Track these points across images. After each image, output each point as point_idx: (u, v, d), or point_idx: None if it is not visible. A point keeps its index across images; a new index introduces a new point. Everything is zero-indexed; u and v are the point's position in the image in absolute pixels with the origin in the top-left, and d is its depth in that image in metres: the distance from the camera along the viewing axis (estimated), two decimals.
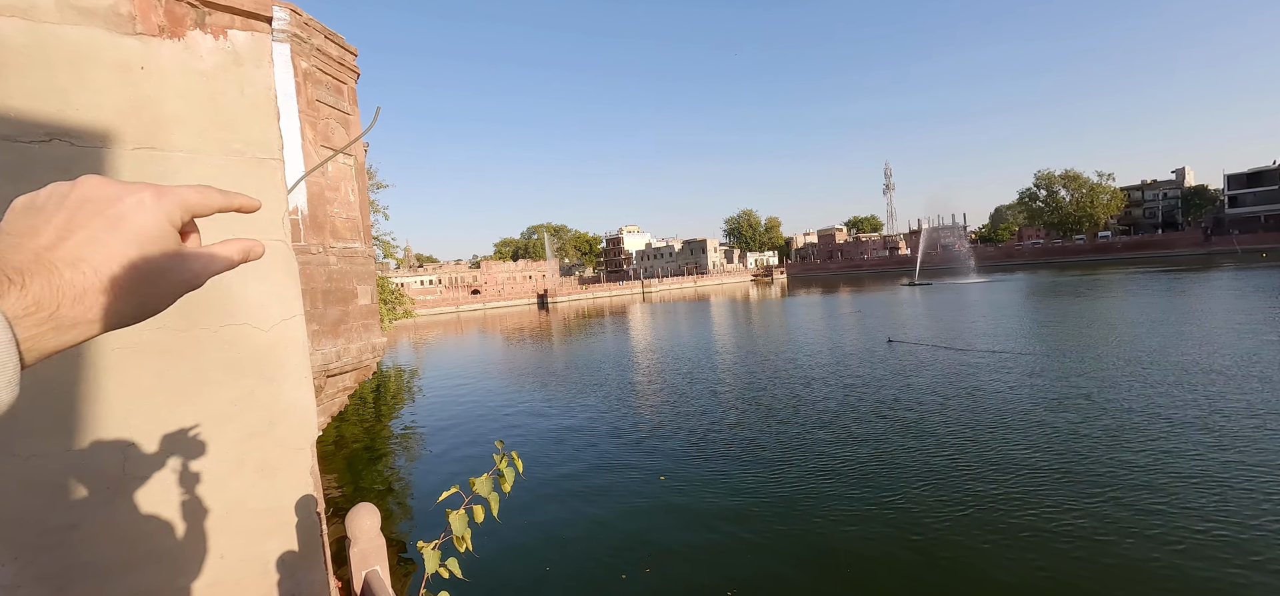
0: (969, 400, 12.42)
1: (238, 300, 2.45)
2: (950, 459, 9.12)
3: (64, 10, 2.40)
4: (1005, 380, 13.95)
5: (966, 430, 10.41)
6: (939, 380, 14.52)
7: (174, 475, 2.26)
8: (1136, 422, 10.04)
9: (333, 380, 7.13)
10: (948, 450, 9.52)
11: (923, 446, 9.76)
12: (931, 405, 12.22)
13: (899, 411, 11.94)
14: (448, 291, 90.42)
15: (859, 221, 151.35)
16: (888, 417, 11.59)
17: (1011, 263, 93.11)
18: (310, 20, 7.25)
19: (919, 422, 11.06)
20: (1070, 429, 10.01)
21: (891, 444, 10.05)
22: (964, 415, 11.33)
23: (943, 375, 15.08)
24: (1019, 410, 11.34)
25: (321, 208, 7.54)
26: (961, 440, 9.92)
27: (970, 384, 13.85)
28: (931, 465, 8.93)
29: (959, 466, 8.79)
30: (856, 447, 9.98)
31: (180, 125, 2.56)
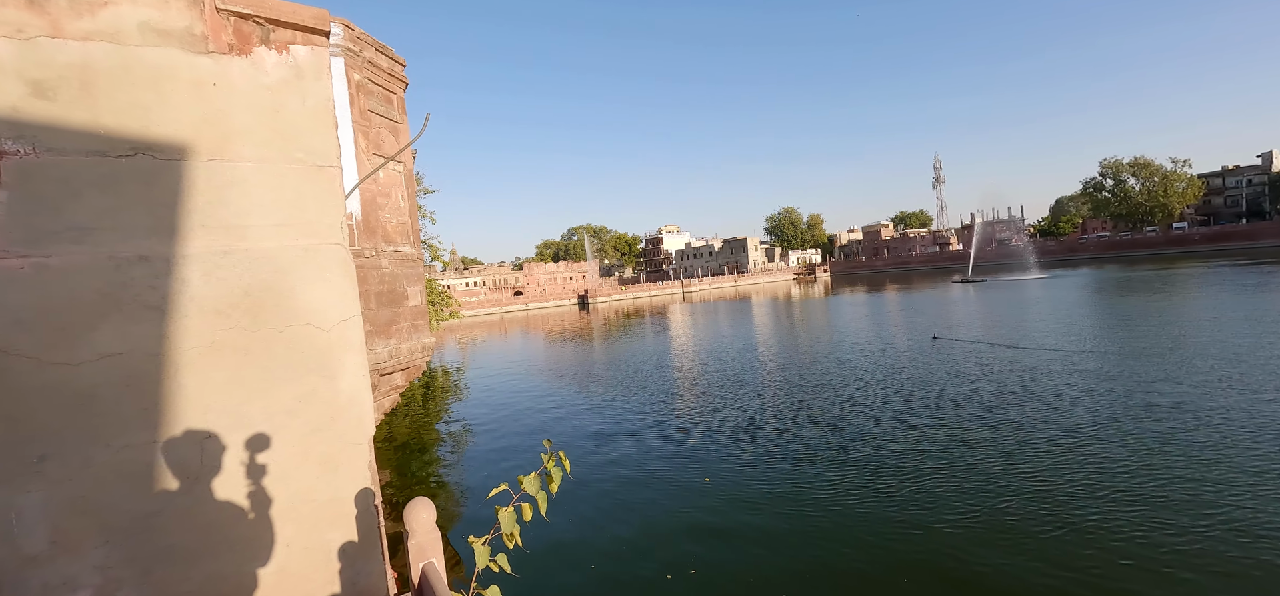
0: (1034, 406, 11.78)
1: (302, 302, 2.59)
2: (1015, 473, 8.66)
3: (145, 33, 2.58)
4: (1078, 384, 13.16)
5: (1035, 439, 9.86)
6: (998, 383, 13.84)
7: (245, 466, 2.40)
8: (1236, 434, 9.26)
9: (385, 378, 7.40)
10: (1010, 461, 9.05)
11: (987, 459, 9.28)
12: (989, 409, 11.67)
13: (957, 416, 11.44)
14: (492, 292, 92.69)
15: (906, 217, 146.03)
16: (945, 422, 11.12)
17: (1075, 257, 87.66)
18: (362, 34, 7.53)
19: (980, 430, 10.55)
20: (1158, 443, 9.33)
21: (951, 453, 9.63)
22: (1029, 422, 10.74)
23: (1002, 377, 14.37)
24: (1097, 421, 10.65)
25: (374, 213, 7.81)
26: (1029, 451, 9.42)
27: (1034, 388, 13.14)
28: (993, 478, 8.49)
29: (1025, 481, 8.34)
30: (911, 455, 9.62)
31: (247, 137, 2.71)
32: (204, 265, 2.44)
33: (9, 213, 2.20)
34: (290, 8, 2.93)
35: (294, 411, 2.49)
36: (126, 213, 2.41)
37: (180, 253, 2.41)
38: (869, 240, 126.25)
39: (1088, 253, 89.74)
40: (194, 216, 2.48)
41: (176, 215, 2.45)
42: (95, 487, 2.15)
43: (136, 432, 2.27)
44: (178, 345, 2.35)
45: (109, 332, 2.27)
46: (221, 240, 2.51)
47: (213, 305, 2.42)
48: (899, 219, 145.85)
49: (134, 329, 2.31)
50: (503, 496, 2.54)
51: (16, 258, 2.19)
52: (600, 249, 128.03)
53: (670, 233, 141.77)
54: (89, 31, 2.46)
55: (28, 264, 2.19)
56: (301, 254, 2.64)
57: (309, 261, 2.65)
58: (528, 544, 7.95)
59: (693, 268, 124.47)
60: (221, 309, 2.44)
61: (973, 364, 16.11)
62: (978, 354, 17.57)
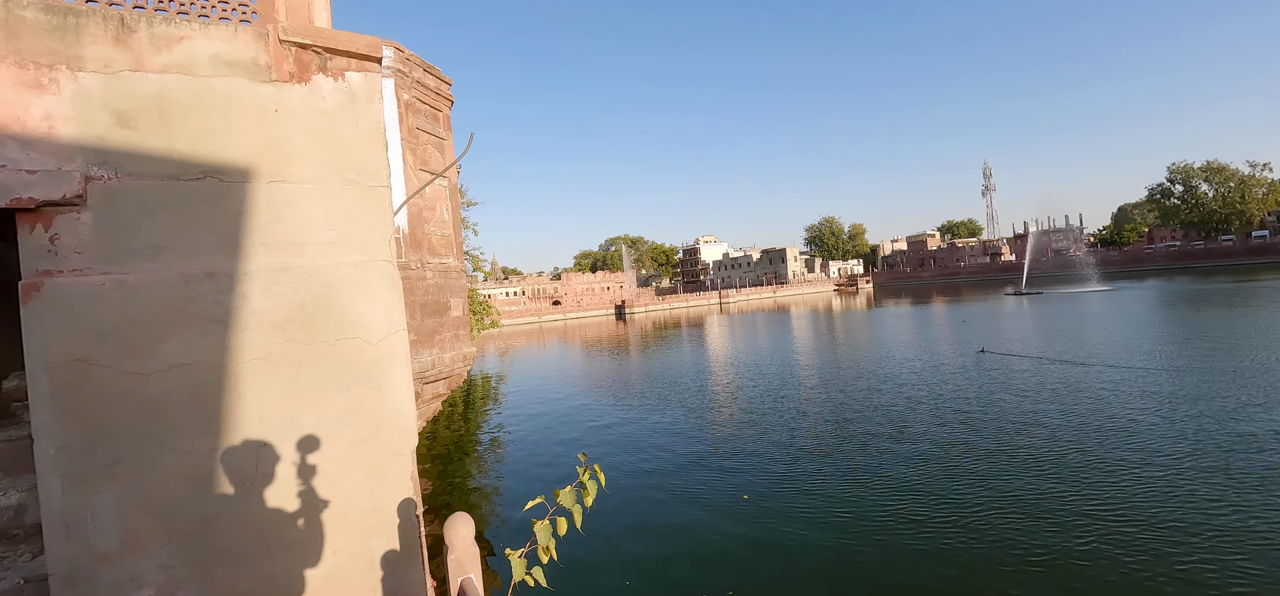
0: (1105, 430, 11.08)
1: (352, 316, 2.70)
2: (1087, 508, 8.13)
3: (216, 64, 2.77)
4: (1154, 406, 12.32)
5: (1108, 469, 9.19)
6: (1062, 403, 13.09)
7: (297, 473, 2.51)
8: None
9: (428, 387, 7.60)
10: (1080, 493, 8.50)
11: (1055, 489, 8.62)
12: (1053, 433, 11.03)
13: (1019, 440, 10.77)
14: (530, 302, 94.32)
15: (954, 226, 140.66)
16: (1004, 447, 10.49)
17: (1141, 268, 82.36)
18: (411, 56, 7.82)
19: (1045, 457, 9.88)
20: (1256, 477, 8.62)
21: (1013, 482, 9.00)
22: (1099, 448, 10.07)
23: (1066, 397, 13.60)
24: (1180, 450, 9.89)
25: (420, 227, 8.05)
26: (1102, 482, 8.83)
27: (1105, 410, 12.36)
28: (1062, 514, 7.98)
29: (1099, 518, 7.83)
30: (967, 482, 9.08)
31: (305, 159, 2.86)
32: (263, 281, 2.58)
33: (93, 232, 2.39)
34: (346, 37, 3.09)
35: (343, 421, 2.60)
36: (195, 231, 2.58)
37: (242, 269, 2.56)
38: (914, 250, 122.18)
39: (1155, 263, 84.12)
40: (255, 235, 2.64)
41: (240, 234, 2.61)
42: (161, 490, 2.30)
43: (199, 439, 2.42)
44: (238, 356, 2.50)
45: (177, 344, 2.43)
46: (279, 257, 2.65)
47: (270, 319, 2.56)
48: (946, 228, 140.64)
49: (199, 341, 2.47)
50: (538, 509, 2.56)
51: (99, 274, 2.38)
52: (638, 259, 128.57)
53: (707, 243, 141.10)
54: (167, 64, 2.66)
55: (108, 280, 2.38)
56: (352, 270, 2.77)
57: (359, 277, 2.77)
58: (562, 556, 7.97)
59: (730, 278, 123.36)
60: (278, 323, 2.57)
61: (1033, 382, 15.30)
62: (1039, 371, 16.68)
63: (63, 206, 2.32)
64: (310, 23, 3.10)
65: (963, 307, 43.65)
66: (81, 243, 2.35)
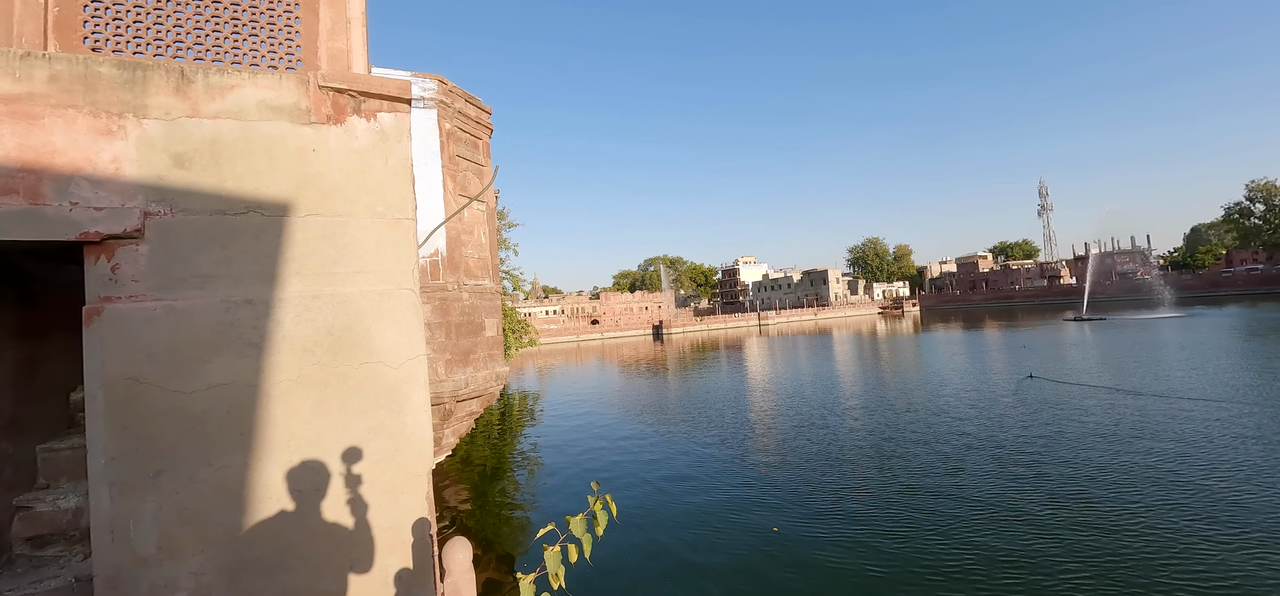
0: (1184, 477, 10.28)
1: (376, 341, 2.87)
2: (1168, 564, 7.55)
3: (262, 109, 3.02)
4: (1244, 447, 11.39)
5: (1196, 522, 8.46)
6: (1136, 444, 12.23)
7: (320, 490, 2.66)
8: None
9: (461, 405, 7.82)
10: (1158, 549, 7.90)
11: (1130, 545, 7.92)
12: (1124, 477, 10.27)
13: (1091, 487, 9.87)
14: (569, 321, 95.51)
15: (1008, 247, 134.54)
16: (1072, 492, 9.76)
17: (1218, 293, 76.38)
18: (454, 87, 8.21)
19: (1114, 506, 9.11)
20: None
21: (1083, 534, 8.30)
22: (1185, 499, 9.18)
23: (1145, 439, 12.71)
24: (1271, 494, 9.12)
25: (458, 250, 8.35)
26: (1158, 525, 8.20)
27: (1190, 457, 11.50)
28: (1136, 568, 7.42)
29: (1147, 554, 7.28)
30: (1027, 534, 8.39)
31: (338, 194, 3.07)
32: (296, 308, 2.77)
33: (149, 263, 2.64)
34: (379, 81, 3.32)
35: (364, 442, 2.74)
36: (239, 262, 2.80)
37: (278, 297, 2.77)
38: (965, 272, 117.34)
39: (1235, 288, 77.90)
40: (290, 265, 2.84)
41: (278, 264, 2.82)
42: (197, 501, 2.48)
43: (234, 454, 2.60)
44: (271, 378, 2.68)
45: (218, 366, 2.64)
46: (312, 286, 2.84)
47: (301, 343, 2.75)
48: (999, 250, 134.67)
49: (238, 363, 2.67)
50: (550, 535, 2.62)
51: (152, 300, 2.62)
52: (676, 280, 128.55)
53: (747, 264, 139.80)
54: (219, 110, 2.93)
55: (160, 306, 2.61)
56: (377, 298, 2.94)
57: (383, 305, 2.94)
58: (584, 579, 7.96)
59: (770, 300, 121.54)
60: (308, 347, 2.76)
61: (1109, 419, 14.36)
62: (1115, 404, 15.65)
63: (124, 239, 2.58)
64: (349, 69, 3.35)
65: (1018, 333, 41.51)
66: (139, 272, 2.60)
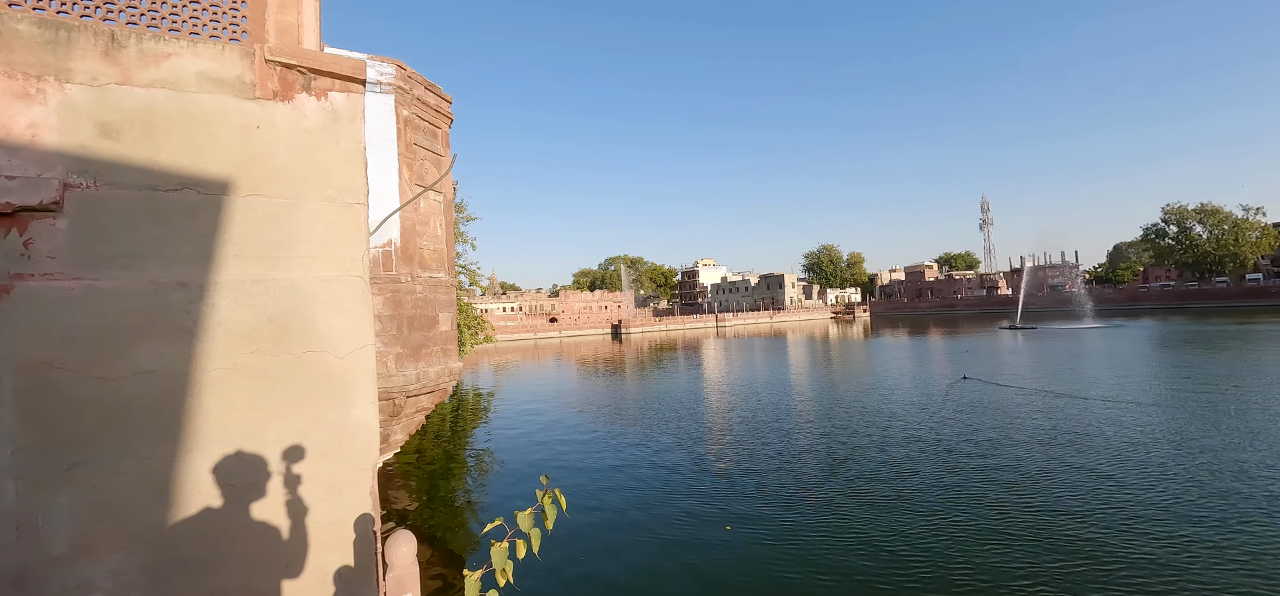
0: (1079, 464, 11.09)
1: (319, 329, 2.75)
2: (1056, 529, 8.15)
3: (202, 81, 2.85)
4: (1143, 441, 12.32)
5: (1082, 502, 9.27)
6: (1063, 440, 13.09)
7: (256, 485, 2.53)
8: None
9: (412, 400, 7.59)
10: (1055, 522, 8.51)
11: (1031, 519, 8.76)
12: (1033, 465, 11.04)
13: (1001, 474, 10.84)
14: (527, 318, 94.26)
15: (952, 258, 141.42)
16: (981, 475, 10.58)
17: (1136, 306, 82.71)
18: (413, 73, 7.97)
19: (1020, 485, 9.99)
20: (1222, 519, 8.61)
21: (985, 505, 9.13)
22: (1074, 483, 10.11)
23: (1049, 432, 13.60)
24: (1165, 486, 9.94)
25: (413, 241, 8.10)
26: (1076, 511, 8.85)
27: (1078, 441, 12.37)
28: (1037, 533, 8.01)
29: (1065, 539, 7.83)
30: (956, 523, 9.05)
31: (285, 175, 2.93)
32: (234, 293, 2.63)
33: (69, 239, 2.45)
34: (331, 58, 3.19)
35: (305, 435, 2.63)
36: (171, 242, 2.64)
37: (214, 280, 2.62)
38: (912, 280, 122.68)
39: (1150, 302, 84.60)
40: (229, 247, 2.70)
41: (214, 245, 2.67)
42: (119, 496, 2.32)
43: (162, 446, 2.44)
44: (205, 366, 2.53)
45: (145, 351, 2.47)
46: (253, 270, 2.70)
47: (239, 330, 2.61)
48: (944, 260, 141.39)
49: (168, 349, 2.51)
50: (498, 531, 2.58)
51: (71, 279, 2.43)
52: (636, 280, 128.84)
53: (706, 266, 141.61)
54: (154, 79, 2.74)
55: (80, 286, 2.43)
56: (324, 285, 2.82)
57: (330, 292, 2.82)
58: (535, 585, 7.93)
59: (728, 302, 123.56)
60: (247, 334, 2.62)
61: (1032, 416, 15.31)
62: (1039, 404, 16.69)
63: (39, 212, 2.38)
64: (299, 44, 3.20)
65: (958, 340, 43.70)
66: (56, 248, 2.40)
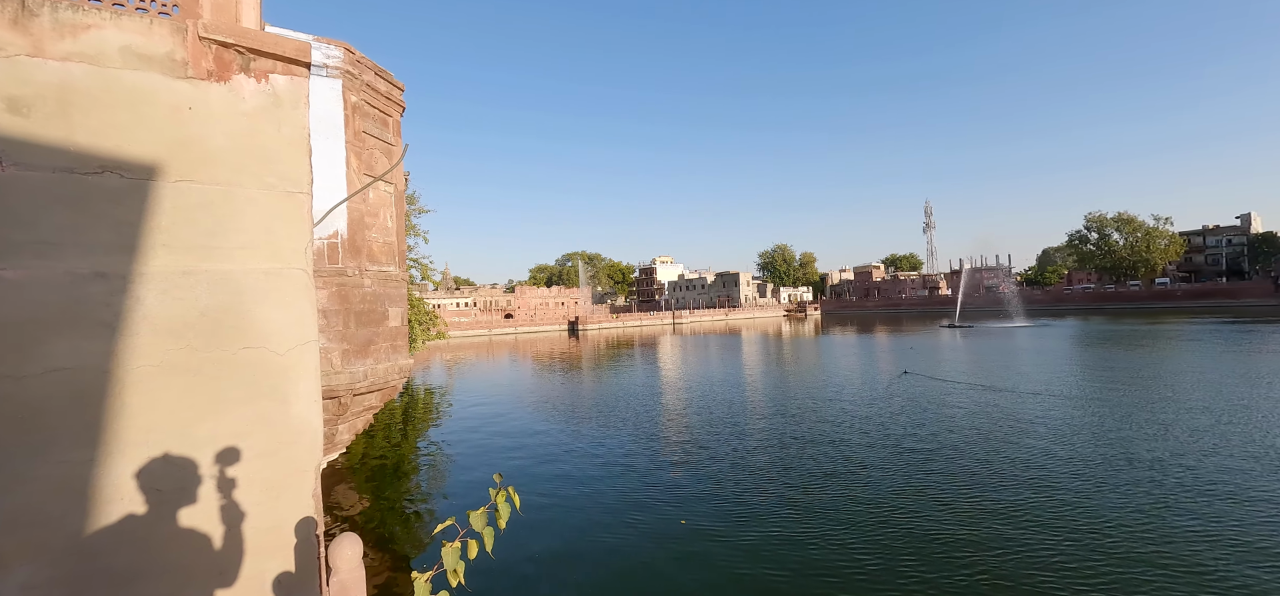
0: (1014, 454, 11.84)
1: (258, 324, 2.61)
2: (988, 515, 8.68)
3: (127, 57, 2.66)
4: (1056, 432, 13.24)
5: (1012, 491, 9.90)
6: (989, 430, 13.91)
7: (187, 490, 2.39)
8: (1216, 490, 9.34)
9: (358, 399, 7.32)
10: (991, 505, 9.06)
11: (965, 503, 9.30)
12: (968, 455, 11.71)
13: (940, 464, 11.45)
14: (482, 314, 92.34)
15: (897, 259, 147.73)
16: (922, 467, 11.15)
17: (1061, 308, 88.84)
18: (362, 58, 7.65)
19: (957, 473, 10.59)
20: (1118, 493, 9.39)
21: (925, 495, 9.64)
22: (1005, 473, 10.80)
23: (983, 423, 14.45)
24: (1074, 468, 10.72)
25: (361, 233, 7.81)
26: (1008, 501, 9.44)
27: (1012, 435, 13.21)
28: (969, 519, 8.51)
29: (999, 525, 8.35)
30: (891, 502, 9.59)
31: (220, 161, 2.77)
32: (161, 284, 2.46)
33: None
34: (273, 39, 3.03)
35: (242, 435, 2.49)
36: (91, 229, 2.44)
37: (138, 271, 2.44)
38: (861, 280, 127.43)
39: (1074, 303, 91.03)
40: (157, 236, 2.52)
41: (139, 234, 2.49)
42: (30, 503, 2.13)
43: (80, 449, 2.27)
44: (128, 363, 2.36)
45: (60, 347, 2.29)
46: (183, 260, 2.54)
47: (166, 325, 2.44)
48: (890, 261, 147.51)
49: (86, 344, 2.33)
50: (450, 531, 2.53)
51: None
52: (594, 276, 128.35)
53: (664, 263, 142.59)
54: (70, 52, 2.53)
55: None
56: (263, 277, 2.68)
57: (270, 285, 2.69)
58: (487, 586, 7.80)
59: (685, 299, 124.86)
60: (175, 329, 2.46)
61: (965, 408, 16.20)
62: (972, 397, 17.67)
63: None
64: (236, 21, 3.03)
65: (901, 338, 45.72)
66: None
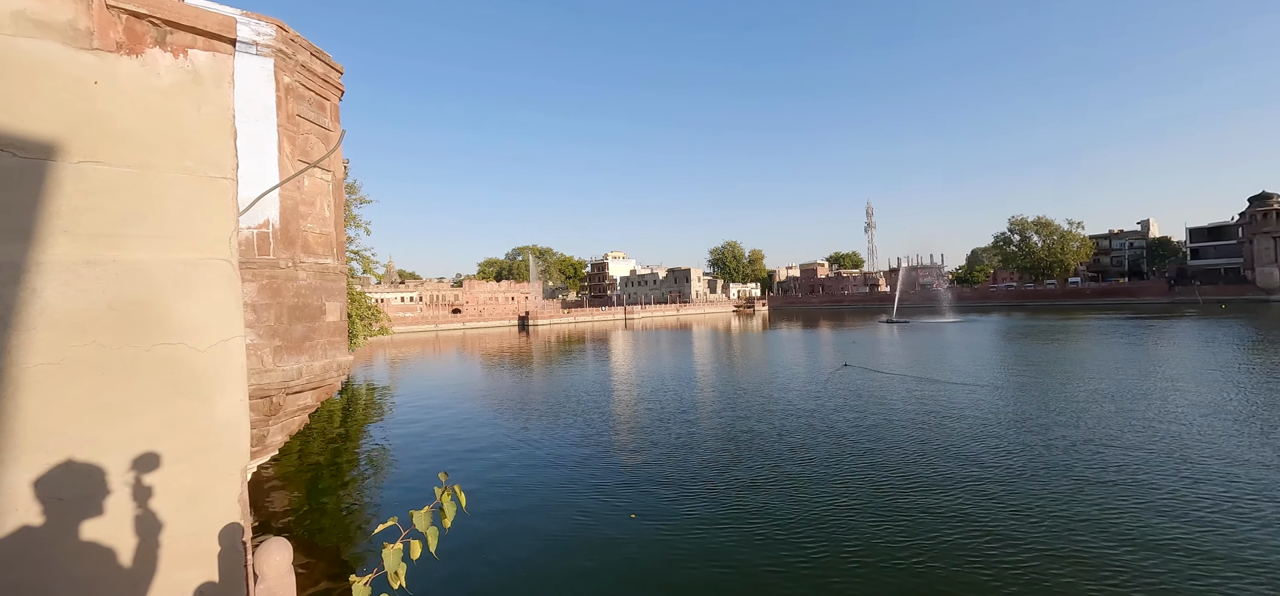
0: (946, 444, 12.57)
1: (175, 318, 2.42)
2: (923, 500, 9.19)
3: (20, 22, 2.40)
4: (976, 415, 14.16)
5: (945, 477, 10.52)
6: (921, 419, 14.69)
7: (94, 498, 2.19)
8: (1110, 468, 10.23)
9: (293, 398, 6.95)
10: (927, 490, 9.59)
11: (907, 490, 9.80)
12: (905, 443, 12.36)
13: (878, 453, 12.01)
14: (428, 309, 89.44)
15: (841, 257, 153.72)
16: (862, 456, 11.67)
17: (987, 304, 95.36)
18: (296, 36, 7.24)
19: (894, 460, 11.15)
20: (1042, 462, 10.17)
21: (864, 482, 10.10)
22: (938, 460, 11.46)
23: (917, 412, 15.28)
24: (1006, 467, 11.49)
25: (295, 222, 7.42)
26: (941, 487, 10.02)
27: (947, 429, 14.03)
28: (905, 504, 8.98)
29: (934, 510, 8.86)
30: (836, 489, 9.98)
31: (131, 141, 2.55)
32: (62, 275, 2.24)
33: None
34: (192, 11, 2.81)
35: (157, 438, 2.31)
36: None
37: (34, 260, 2.21)
38: (806, 277, 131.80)
39: (999, 300, 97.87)
40: (57, 222, 2.29)
41: (35, 219, 2.26)
42: None
43: None
44: (20, 361, 2.14)
45: None
46: (87, 249, 2.32)
47: (68, 319, 2.23)
48: (834, 259, 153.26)
49: None
50: (390, 532, 2.44)
51: None
52: (545, 271, 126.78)
53: (616, 259, 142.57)
54: None
55: None
56: (181, 268, 2.49)
57: (190, 276, 2.50)
58: (434, 587, 7.59)
59: (637, 295, 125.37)
60: (79, 324, 2.24)
61: (900, 397, 17.06)
62: (904, 387, 18.61)
63: None
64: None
65: (843, 333, 47.69)
66: None
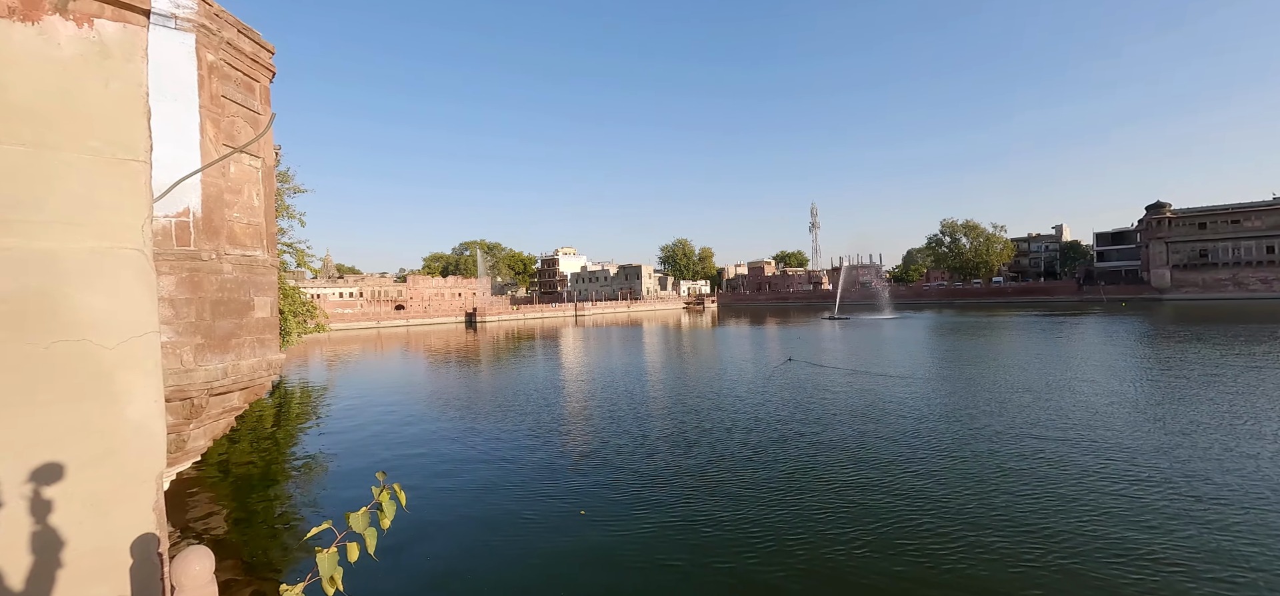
0: (885, 439, 13.19)
1: (77, 312, 2.21)
2: (864, 490, 9.62)
3: None
4: (930, 428, 14.96)
5: (883, 467, 11.04)
6: (853, 411, 15.35)
7: None
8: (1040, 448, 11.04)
9: (217, 399, 6.51)
10: (867, 481, 10.04)
11: (850, 479, 10.21)
12: (846, 435, 12.91)
13: (821, 446, 12.48)
14: (369, 305, 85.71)
15: (787, 256, 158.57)
16: (805, 449, 12.10)
17: (921, 302, 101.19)
18: (221, 11, 6.76)
19: (835, 450, 11.61)
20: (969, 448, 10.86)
21: (811, 474, 10.47)
22: (877, 450, 12.03)
23: (857, 403, 15.98)
24: (938, 459, 12.16)
25: (220, 211, 6.94)
26: (880, 476, 10.51)
27: (887, 427, 14.74)
28: (847, 494, 9.37)
29: (875, 499, 9.28)
30: (779, 480, 10.29)
31: (26, 117, 2.31)
32: None
33: None
34: None
35: (58, 442, 2.10)
36: None
37: None
38: (753, 275, 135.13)
39: (931, 298, 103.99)
40: None
41: None
42: None
43: None
44: None
45: None
46: None
47: None
48: (780, 257, 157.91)
49: None
50: (326, 536, 2.33)
51: None
52: (494, 266, 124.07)
53: (567, 255, 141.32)
54: None
55: None
56: (87, 257, 2.27)
57: (96, 266, 2.28)
58: (365, 590, 7.32)
59: (588, 291, 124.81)
60: None
61: (839, 389, 17.78)
62: (843, 380, 19.41)
63: None
64: None
65: (788, 329, 49.29)
66: None
